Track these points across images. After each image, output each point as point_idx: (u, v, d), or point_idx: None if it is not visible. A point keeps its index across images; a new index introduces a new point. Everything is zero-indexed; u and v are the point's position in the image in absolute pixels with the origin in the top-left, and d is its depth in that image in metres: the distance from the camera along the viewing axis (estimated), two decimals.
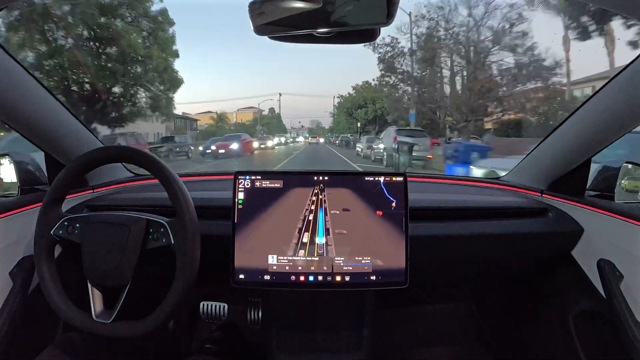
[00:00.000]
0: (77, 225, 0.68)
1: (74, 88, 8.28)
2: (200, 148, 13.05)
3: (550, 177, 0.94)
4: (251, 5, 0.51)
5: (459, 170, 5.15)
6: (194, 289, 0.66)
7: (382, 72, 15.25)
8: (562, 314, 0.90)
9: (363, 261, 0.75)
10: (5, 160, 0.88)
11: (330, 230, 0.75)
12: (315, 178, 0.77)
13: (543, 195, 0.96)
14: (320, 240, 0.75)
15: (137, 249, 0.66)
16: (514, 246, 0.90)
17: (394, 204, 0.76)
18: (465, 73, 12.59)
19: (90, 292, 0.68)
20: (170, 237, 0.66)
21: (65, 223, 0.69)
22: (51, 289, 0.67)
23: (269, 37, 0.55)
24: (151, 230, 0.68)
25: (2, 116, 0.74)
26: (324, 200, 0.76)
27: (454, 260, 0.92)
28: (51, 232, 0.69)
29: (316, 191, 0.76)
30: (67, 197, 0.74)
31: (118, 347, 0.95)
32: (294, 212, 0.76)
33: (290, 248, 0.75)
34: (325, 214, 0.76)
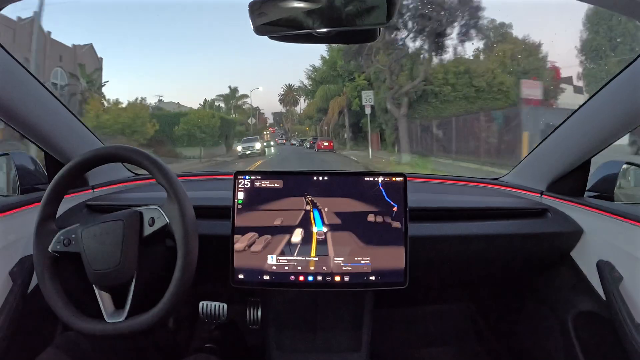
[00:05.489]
0: (73, 235, 0.67)
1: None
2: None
3: (550, 178, 0.94)
4: (251, 5, 0.51)
5: None
6: (194, 287, 0.66)
7: None
8: (561, 314, 0.89)
9: (362, 261, 0.75)
10: (5, 160, 0.88)
11: (330, 230, 0.75)
12: (315, 178, 0.77)
13: (542, 195, 0.96)
14: (319, 240, 0.75)
15: (136, 240, 0.66)
16: (513, 247, 0.90)
17: (393, 204, 0.76)
18: None
19: (98, 295, 0.67)
20: (165, 218, 0.66)
21: (61, 237, 0.68)
22: (59, 304, 0.66)
23: (269, 37, 0.55)
24: (145, 217, 0.67)
25: (3, 116, 0.74)
26: (323, 200, 0.76)
27: (453, 261, 0.92)
28: (49, 249, 0.68)
29: (315, 191, 0.76)
30: (66, 196, 0.74)
31: (118, 346, 0.95)
32: (293, 212, 0.76)
33: (289, 248, 0.75)
34: (325, 214, 0.76)
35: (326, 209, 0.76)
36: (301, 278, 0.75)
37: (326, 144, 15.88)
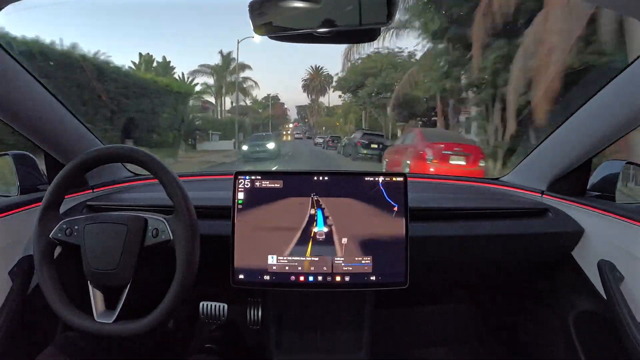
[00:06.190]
0: (76, 227, 0.68)
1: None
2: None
3: (551, 178, 0.94)
4: (251, 5, 0.51)
5: None
6: (193, 288, 0.66)
7: None
8: (562, 314, 0.89)
9: (363, 261, 0.75)
10: (5, 160, 0.88)
11: (330, 230, 0.75)
12: (315, 178, 0.77)
13: (543, 195, 0.96)
14: (319, 240, 0.75)
15: (137, 247, 0.66)
16: (514, 247, 0.90)
17: (393, 204, 0.76)
18: None
19: (91, 293, 0.68)
20: (169, 233, 0.66)
21: (64, 226, 0.68)
22: (52, 292, 0.67)
23: (268, 37, 0.55)
24: (150, 227, 0.68)
25: (3, 116, 0.74)
26: (324, 201, 0.76)
27: (454, 261, 0.91)
28: (50, 236, 0.68)
29: (316, 191, 0.76)
30: (66, 197, 0.74)
31: (118, 347, 0.95)
32: (293, 212, 0.76)
33: (290, 248, 0.75)
34: (325, 214, 0.75)
35: (327, 209, 0.76)
36: (302, 278, 0.75)
37: (462, 162, 5.16)
